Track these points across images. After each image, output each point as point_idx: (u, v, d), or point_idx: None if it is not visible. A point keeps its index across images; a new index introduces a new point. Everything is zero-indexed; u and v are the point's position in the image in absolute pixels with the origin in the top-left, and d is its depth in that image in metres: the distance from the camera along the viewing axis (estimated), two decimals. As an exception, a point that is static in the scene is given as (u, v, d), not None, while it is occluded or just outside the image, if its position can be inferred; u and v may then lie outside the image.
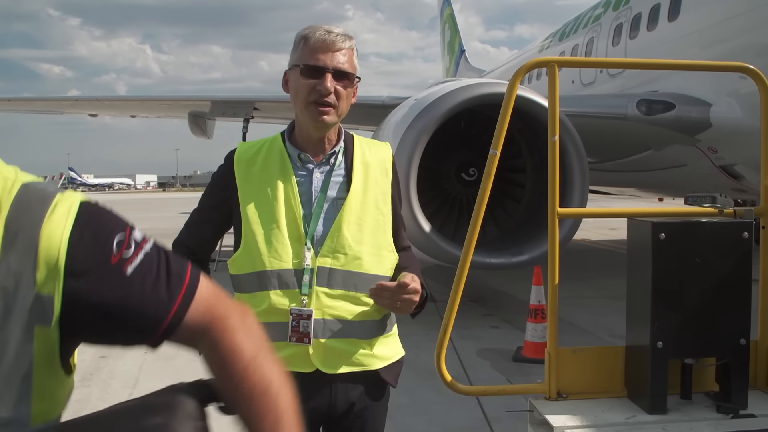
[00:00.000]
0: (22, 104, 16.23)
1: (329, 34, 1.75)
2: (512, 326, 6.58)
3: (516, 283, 8.13)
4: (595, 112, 8.22)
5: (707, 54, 7.28)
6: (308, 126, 1.80)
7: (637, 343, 2.09)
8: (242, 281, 1.78)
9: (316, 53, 1.74)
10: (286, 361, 1.72)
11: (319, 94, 1.74)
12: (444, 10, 26.60)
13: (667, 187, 10.52)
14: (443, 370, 2.13)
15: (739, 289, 2.03)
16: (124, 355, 5.68)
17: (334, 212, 1.78)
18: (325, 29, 1.76)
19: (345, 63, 1.76)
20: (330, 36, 1.75)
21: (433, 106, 6.32)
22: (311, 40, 1.75)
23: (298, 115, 1.82)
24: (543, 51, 13.07)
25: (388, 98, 11.15)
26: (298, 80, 1.77)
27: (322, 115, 1.75)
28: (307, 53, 1.75)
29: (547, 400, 2.12)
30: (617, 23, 9.45)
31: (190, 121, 14.66)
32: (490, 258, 6.42)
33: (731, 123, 6.97)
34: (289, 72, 1.83)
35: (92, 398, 4.54)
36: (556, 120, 2.12)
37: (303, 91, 1.75)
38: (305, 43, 1.76)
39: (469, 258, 2.11)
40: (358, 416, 1.82)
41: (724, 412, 1.99)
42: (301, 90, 1.76)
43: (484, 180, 2.09)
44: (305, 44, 1.76)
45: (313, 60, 1.74)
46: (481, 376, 5.00)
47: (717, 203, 2.15)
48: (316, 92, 1.74)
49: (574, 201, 6.40)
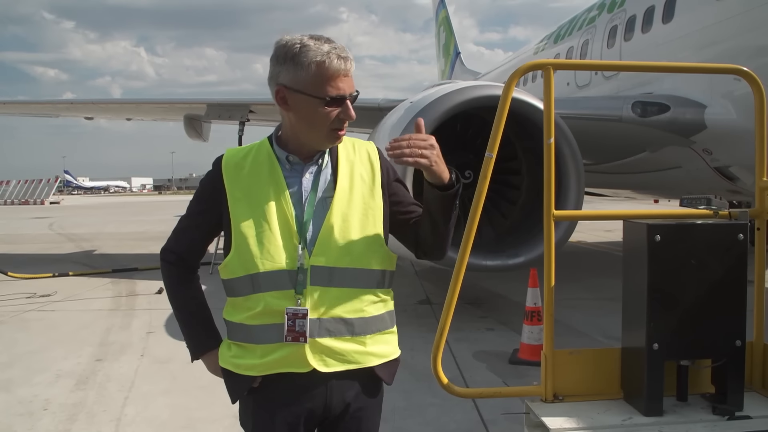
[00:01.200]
0: (17, 107, 16.16)
1: (345, 60, 1.71)
2: (508, 328, 6.58)
3: (512, 285, 8.14)
4: (590, 114, 8.24)
5: (702, 56, 7.30)
6: (319, 145, 1.82)
7: (633, 345, 2.10)
8: (235, 285, 1.78)
9: (335, 82, 1.71)
10: (281, 362, 1.72)
11: (342, 122, 1.76)
12: (439, 12, 26.62)
13: (663, 188, 10.54)
14: (440, 373, 2.13)
15: (735, 291, 2.04)
16: (120, 359, 5.67)
17: (323, 211, 1.78)
18: (337, 55, 1.71)
19: (354, 85, 1.77)
20: (346, 63, 1.72)
21: (429, 109, 6.32)
22: (330, 68, 1.70)
23: (313, 137, 1.79)
24: (538, 53, 13.09)
25: (384, 101, 11.14)
26: (317, 108, 1.72)
27: (341, 138, 1.81)
28: (325, 82, 1.70)
29: (544, 402, 2.12)
30: (612, 25, 9.47)
31: (185, 124, 14.62)
32: (486, 260, 6.42)
33: (726, 124, 6.99)
34: (294, 94, 1.74)
35: (88, 402, 4.53)
36: (552, 122, 2.12)
37: (326, 120, 1.74)
38: (319, 69, 1.70)
39: (465, 260, 2.11)
40: (354, 417, 1.82)
41: (720, 414, 2.00)
42: (324, 119, 1.74)
43: (480, 182, 2.09)
44: (320, 70, 1.70)
45: (335, 90, 1.71)
46: (478, 378, 5.00)
47: (712, 205, 2.16)
48: (339, 121, 1.75)
49: (570, 203, 6.41)
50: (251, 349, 1.76)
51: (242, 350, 1.79)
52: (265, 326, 1.73)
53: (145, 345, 6.13)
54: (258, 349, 1.75)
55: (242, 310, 1.77)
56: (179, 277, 1.97)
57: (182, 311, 1.98)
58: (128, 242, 16.11)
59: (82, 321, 7.28)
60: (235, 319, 1.79)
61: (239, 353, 1.79)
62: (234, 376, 1.80)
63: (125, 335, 6.56)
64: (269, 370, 1.74)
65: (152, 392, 4.74)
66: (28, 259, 12.55)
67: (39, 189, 45.48)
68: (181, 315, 1.98)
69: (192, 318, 1.97)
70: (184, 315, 1.98)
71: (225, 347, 1.86)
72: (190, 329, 1.97)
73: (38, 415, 4.31)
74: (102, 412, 4.34)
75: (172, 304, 1.98)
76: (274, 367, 1.74)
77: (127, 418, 4.24)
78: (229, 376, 1.83)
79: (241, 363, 1.78)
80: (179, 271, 1.96)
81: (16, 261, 8.92)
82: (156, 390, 4.79)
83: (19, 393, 4.77)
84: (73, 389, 4.83)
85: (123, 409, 4.40)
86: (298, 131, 1.80)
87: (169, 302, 1.98)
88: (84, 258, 13.14)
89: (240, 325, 1.78)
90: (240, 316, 1.78)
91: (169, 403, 4.49)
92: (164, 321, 6.92)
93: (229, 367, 1.81)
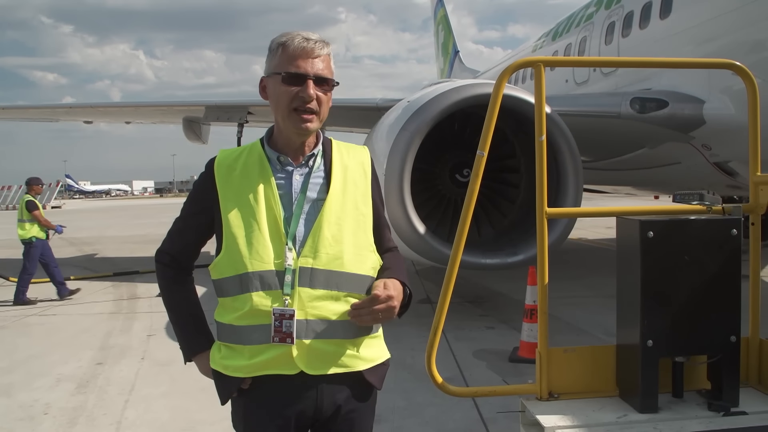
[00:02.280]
0: (17, 112, 16.17)
1: (308, 41, 1.76)
2: (508, 326, 6.57)
3: (512, 284, 8.13)
4: (588, 111, 8.23)
5: (700, 51, 7.28)
6: (290, 132, 1.81)
7: (628, 342, 2.09)
8: (224, 285, 1.78)
9: (296, 60, 1.75)
10: (269, 364, 1.72)
11: (302, 101, 1.75)
12: (437, 11, 26.60)
13: (662, 184, 10.52)
14: (434, 372, 2.13)
15: (729, 287, 2.03)
16: (120, 362, 5.67)
17: (314, 213, 1.78)
18: (303, 36, 1.77)
19: (324, 69, 1.78)
20: (309, 43, 1.76)
21: (426, 108, 6.31)
22: (290, 47, 1.76)
23: (280, 121, 1.82)
24: (536, 51, 13.07)
25: (382, 100, 11.14)
26: (278, 87, 1.77)
27: (305, 122, 1.77)
28: (286, 60, 1.76)
29: (539, 400, 2.11)
30: (610, 22, 9.45)
31: (184, 127, 14.63)
32: (486, 258, 6.42)
33: (724, 119, 6.98)
34: (267, 79, 1.83)
35: (88, 405, 4.54)
36: (543, 120, 2.11)
37: (285, 99, 1.76)
38: (283, 50, 1.76)
39: (458, 259, 2.11)
40: (345, 419, 1.81)
41: (715, 410, 1.99)
42: (283, 97, 1.76)
43: (472, 181, 2.09)
44: (284, 51, 1.76)
45: (294, 67, 1.75)
46: (477, 376, 4.99)
47: (705, 200, 2.15)
48: (299, 99, 1.75)
49: (569, 200, 6.40)
50: (239, 351, 1.76)
51: (231, 351, 1.79)
52: (252, 327, 1.72)
53: (145, 348, 6.13)
54: (246, 350, 1.75)
55: (230, 310, 1.77)
56: (173, 278, 1.97)
57: (175, 312, 1.98)
58: (130, 245, 16.13)
59: (83, 325, 7.29)
60: (224, 320, 1.79)
61: (228, 354, 1.79)
62: (223, 378, 1.80)
63: (126, 338, 6.57)
64: (257, 371, 1.74)
65: (152, 395, 4.75)
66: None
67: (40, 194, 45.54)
68: (174, 316, 1.98)
69: (184, 319, 1.97)
70: (177, 316, 1.98)
71: (215, 349, 1.86)
72: (183, 331, 1.97)
73: (39, 419, 4.32)
74: (102, 416, 4.34)
75: (165, 305, 1.98)
76: (262, 368, 1.73)
77: (127, 420, 4.25)
78: (218, 377, 1.82)
79: (229, 364, 1.78)
80: (173, 272, 1.97)
81: (18, 266, 8.94)
82: (156, 392, 4.79)
83: (19, 397, 4.78)
84: (74, 393, 4.84)
85: (123, 412, 4.41)
86: (276, 119, 1.84)
87: (163, 303, 1.98)
88: (85, 262, 13.17)
89: (228, 326, 1.78)
90: (229, 316, 1.78)
91: (169, 406, 4.50)
92: (165, 324, 6.92)
93: (219, 369, 1.81)
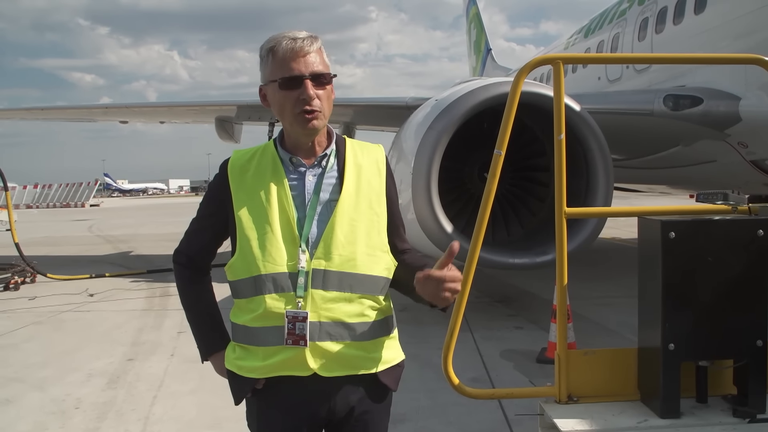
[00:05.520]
0: (55, 113, 16.57)
1: (295, 40, 1.73)
2: (537, 327, 6.49)
3: (542, 282, 8.03)
4: (621, 109, 8.07)
5: (737, 46, 7.09)
6: (298, 135, 1.80)
7: (649, 345, 2.04)
8: (239, 287, 1.78)
9: (288, 63, 1.72)
10: (283, 365, 1.72)
11: (304, 103, 1.73)
12: (469, 9, 26.43)
13: (698, 183, 10.26)
14: (450, 373, 2.11)
15: (755, 289, 1.97)
16: (150, 358, 5.76)
17: (327, 214, 1.77)
18: (289, 37, 1.73)
19: (319, 65, 1.75)
20: (297, 42, 1.72)
21: (454, 106, 6.27)
22: (279, 51, 1.72)
23: (287, 126, 1.81)
24: (569, 48, 12.89)
25: (411, 99, 11.11)
26: (277, 94, 1.75)
27: (311, 122, 1.75)
28: (278, 66, 1.73)
29: (557, 403, 2.08)
30: (643, 17, 9.27)
31: (217, 126, 14.81)
32: (514, 258, 6.35)
33: (762, 116, 6.78)
34: (266, 87, 1.80)
35: (118, 401, 4.62)
36: (562, 118, 2.08)
37: (288, 104, 1.74)
38: (273, 55, 1.73)
39: (475, 259, 2.09)
40: (359, 421, 1.80)
41: (740, 416, 1.94)
42: (285, 103, 1.74)
43: (489, 181, 2.07)
44: (274, 57, 1.73)
45: (288, 71, 1.72)
46: (504, 377, 4.94)
47: (730, 200, 2.09)
48: (301, 102, 1.73)
49: (599, 200, 6.30)
50: (254, 352, 1.76)
51: (245, 352, 1.79)
52: (266, 328, 1.73)
53: (175, 345, 6.22)
54: (260, 351, 1.75)
55: (245, 312, 1.77)
56: (190, 278, 1.99)
57: (192, 312, 2.00)
58: (164, 243, 16.37)
59: (116, 321, 7.43)
60: (239, 321, 1.80)
61: (242, 355, 1.80)
62: (237, 378, 1.81)
63: (156, 335, 6.67)
64: (271, 372, 1.74)
65: (180, 391, 4.81)
66: (67, 261, 12.86)
67: (80, 192, 46.59)
68: (191, 316, 2.00)
69: (201, 319, 1.99)
70: (194, 316, 1.99)
71: (230, 349, 1.87)
72: (200, 330, 1.99)
73: (70, 413, 4.41)
74: (131, 411, 4.42)
75: (183, 304, 2.00)
76: (276, 369, 1.73)
77: (154, 416, 4.31)
78: (232, 377, 1.83)
79: (243, 365, 1.78)
80: (190, 272, 1.99)
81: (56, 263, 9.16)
82: (184, 389, 4.85)
83: (52, 392, 4.89)
84: (104, 388, 4.93)
85: (151, 408, 4.48)
86: (283, 126, 1.82)
87: (181, 303, 2.00)
88: (120, 259, 13.41)
89: (243, 327, 1.79)
90: (243, 318, 1.78)
91: (196, 402, 4.55)
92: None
93: (233, 369, 1.82)
